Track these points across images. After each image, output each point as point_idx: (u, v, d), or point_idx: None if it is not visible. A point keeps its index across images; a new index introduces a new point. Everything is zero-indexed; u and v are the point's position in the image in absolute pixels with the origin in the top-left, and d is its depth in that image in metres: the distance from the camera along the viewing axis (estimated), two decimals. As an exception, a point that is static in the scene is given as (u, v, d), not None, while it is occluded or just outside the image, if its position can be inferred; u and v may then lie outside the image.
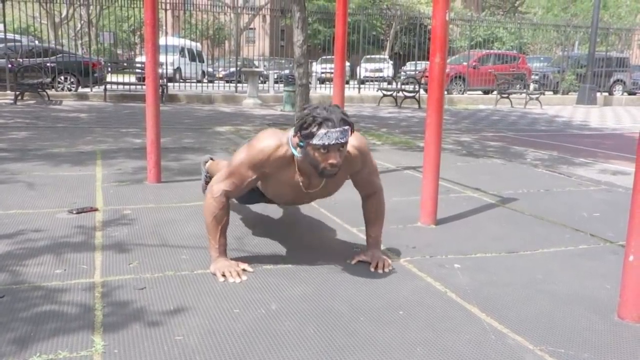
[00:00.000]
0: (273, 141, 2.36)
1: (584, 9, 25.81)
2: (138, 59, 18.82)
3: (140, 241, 2.88)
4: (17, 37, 15.29)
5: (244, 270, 2.47)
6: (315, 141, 2.19)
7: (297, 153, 2.31)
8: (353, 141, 2.42)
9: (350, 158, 2.43)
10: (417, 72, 17.03)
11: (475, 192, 4.27)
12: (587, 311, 2.21)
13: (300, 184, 2.42)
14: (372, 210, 2.66)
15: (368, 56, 23.08)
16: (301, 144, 2.25)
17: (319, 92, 15.94)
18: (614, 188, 4.58)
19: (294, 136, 2.28)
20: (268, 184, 2.52)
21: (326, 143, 2.18)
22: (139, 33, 30.47)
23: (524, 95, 15.80)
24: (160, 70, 10.19)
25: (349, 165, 2.46)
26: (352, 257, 2.68)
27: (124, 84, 14.15)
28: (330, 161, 2.22)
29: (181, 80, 18.68)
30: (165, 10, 15.05)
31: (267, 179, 2.47)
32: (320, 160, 2.23)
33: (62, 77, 13.78)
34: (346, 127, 2.21)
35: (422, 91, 14.24)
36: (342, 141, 2.20)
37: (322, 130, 2.17)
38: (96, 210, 3.42)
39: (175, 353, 1.79)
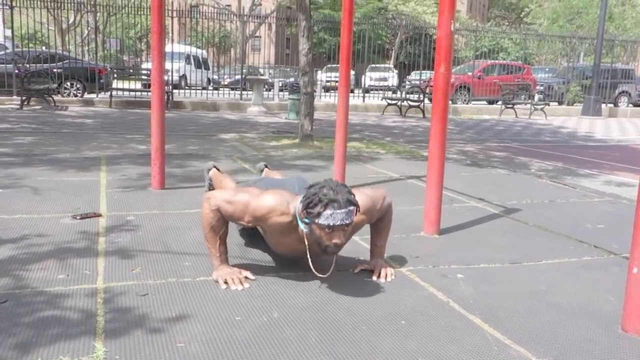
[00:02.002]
0: (280, 207, 2.35)
1: (590, 20, 25.82)
2: (144, 65, 18.92)
3: (143, 247, 2.88)
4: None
5: (246, 277, 2.47)
6: (320, 221, 2.21)
7: (303, 227, 2.33)
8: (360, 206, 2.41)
9: (359, 221, 2.47)
10: (421, 82, 17.06)
11: (479, 202, 4.26)
12: (591, 323, 2.19)
13: (307, 251, 2.41)
14: (382, 222, 2.67)
15: (373, 65, 23.13)
16: (306, 220, 2.27)
17: (324, 100, 15.98)
18: (618, 200, 4.57)
19: (302, 211, 2.29)
20: (267, 235, 2.55)
21: (331, 224, 2.20)
22: (145, 40, 30.63)
23: (528, 105, 15.79)
24: (165, 77, 10.24)
25: (358, 227, 2.52)
26: (355, 265, 2.68)
27: (129, 90, 14.20)
28: (335, 241, 2.25)
29: (186, 87, 18.74)
30: (172, 17, 15.13)
31: (266, 232, 2.50)
32: (325, 239, 2.26)
33: (69, 83, 13.85)
34: (351, 208, 2.24)
35: (426, 100, 14.25)
36: (347, 222, 2.23)
37: (328, 212, 2.20)
38: (100, 216, 3.43)
39: (176, 360, 1.79)
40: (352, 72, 17.80)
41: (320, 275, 2.44)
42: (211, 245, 2.46)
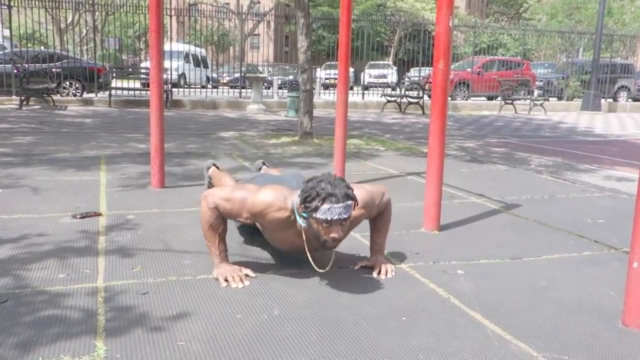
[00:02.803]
0: (277, 202, 2.35)
1: (589, 15, 25.76)
2: (143, 64, 18.90)
3: (144, 246, 2.88)
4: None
5: (246, 275, 2.47)
6: (318, 215, 2.21)
7: (301, 222, 2.32)
8: (359, 200, 2.42)
9: (357, 216, 2.47)
10: (421, 78, 17.05)
11: (479, 198, 4.26)
12: (591, 318, 2.20)
13: (305, 245, 2.41)
14: (381, 219, 2.67)
15: (372, 62, 23.11)
16: (304, 215, 2.27)
17: (323, 98, 15.97)
18: (618, 194, 4.57)
19: (299, 205, 2.29)
20: (265, 231, 2.55)
21: (329, 218, 2.20)
22: (144, 39, 30.60)
23: (528, 101, 15.78)
24: (164, 76, 10.23)
25: (356, 222, 2.52)
26: (355, 262, 2.68)
27: (128, 89, 14.19)
28: (332, 235, 2.25)
29: (185, 86, 18.72)
30: (170, 16, 15.11)
31: (265, 228, 2.50)
32: (323, 233, 2.26)
33: (67, 83, 13.85)
34: (349, 202, 2.23)
35: (426, 97, 14.24)
36: (345, 217, 2.23)
37: (325, 206, 2.19)
38: (100, 215, 3.43)
39: (177, 358, 1.79)
40: (351, 70, 17.80)
41: (320, 270, 2.44)
42: (210, 243, 2.46)
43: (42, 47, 20.42)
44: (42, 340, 1.87)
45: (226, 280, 2.40)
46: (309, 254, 2.41)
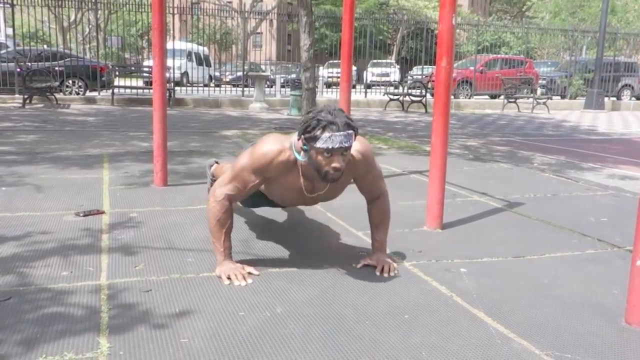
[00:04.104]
0: (276, 146, 2.35)
1: (592, 13, 25.69)
2: (145, 63, 18.91)
3: (147, 244, 2.89)
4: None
5: (249, 273, 2.47)
6: (318, 144, 2.19)
7: (300, 157, 2.31)
8: (357, 145, 2.42)
9: (354, 162, 2.43)
10: (423, 77, 17.02)
11: (482, 196, 4.26)
12: (594, 316, 2.19)
13: (303, 188, 2.41)
14: (378, 214, 2.65)
15: (375, 60, 23.07)
16: (305, 147, 2.25)
17: (326, 96, 15.95)
18: (621, 193, 4.56)
19: (298, 139, 2.28)
20: (271, 187, 2.52)
21: (330, 147, 2.18)
22: (146, 37, 30.61)
23: (531, 99, 15.75)
24: (167, 74, 10.23)
25: (353, 169, 2.46)
26: (357, 260, 2.68)
27: (131, 87, 14.22)
28: (334, 165, 2.22)
29: (188, 85, 18.74)
30: (173, 14, 15.11)
31: (270, 183, 2.47)
32: (324, 164, 2.23)
33: (70, 81, 13.87)
34: (350, 132, 2.21)
35: (428, 95, 14.22)
36: (346, 145, 2.20)
37: (326, 134, 2.17)
38: (103, 213, 3.43)
39: (180, 355, 1.79)
40: (354, 68, 17.77)
41: (310, 195, 2.44)
42: (216, 239, 2.46)
43: (45, 46, 20.45)
44: (46, 337, 1.87)
45: (229, 278, 2.41)
46: (303, 186, 2.41)
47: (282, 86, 16.66)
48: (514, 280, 2.54)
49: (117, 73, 15.01)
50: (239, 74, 17.93)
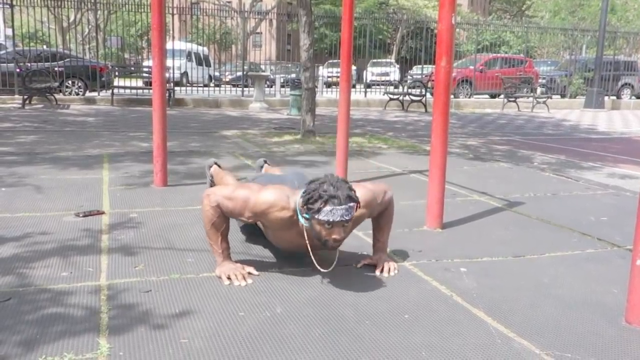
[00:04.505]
0: (280, 202, 2.36)
1: (592, 12, 25.68)
2: (145, 63, 18.91)
3: (146, 244, 2.89)
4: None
5: (249, 273, 2.47)
6: (320, 217, 2.21)
7: (303, 221, 2.33)
8: (361, 201, 2.41)
9: (359, 216, 2.47)
10: (423, 76, 17.01)
11: (482, 196, 4.26)
12: (594, 315, 2.19)
13: (308, 246, 2.41)
14: (383, 217, 2.67)
15: (374, 60, 23.07)
16: (306, 216, 2.27)
17: (325, 96, 15.96)
18: (621, 192, 4.55)
19: (302, 206, 2.29)
20: (268, 231, 2.55)
21: (331, 220, 2.20)
22: (146, 37, 30.61)
23: (531, 99, 15.75)
24: (167, 75, 10.23)
25: (358, 221, 2.52)
26: (357, 260, 2.68)
27: (131, 88, 14.21)
28: (334, 236, 2.25)
29: (188, 85, 18.74)
30: (173, 14, 15.11)
31: (267, 227, 2.50)
32: (324, 234, 2.26)
33: (70, 82, 13.87)
34: (352, 205, 2.24)
35: (428, 95, 14.22)
36: (347, 218, 2.23)
37: (328, 208, 2.19)
38: (103, 213, 3.43)
39: (180, 356, 1.79)
40: (354, 68, 17.77)
41: (323, 270, 2.44)
42: (213, 241, 2.47)
43: (45, 46, 20.45)
44: (46, 338, 1.87)
45: (229, 278, 2.41)
46: (311, 254, 2.42)
47: (282, 86, 16.65)
48: (514, 280, 2.54)
49: (116, 73, 15.01)
50: (239, 73, 17.93)
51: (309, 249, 2.40)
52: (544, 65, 21.65)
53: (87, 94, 13.96)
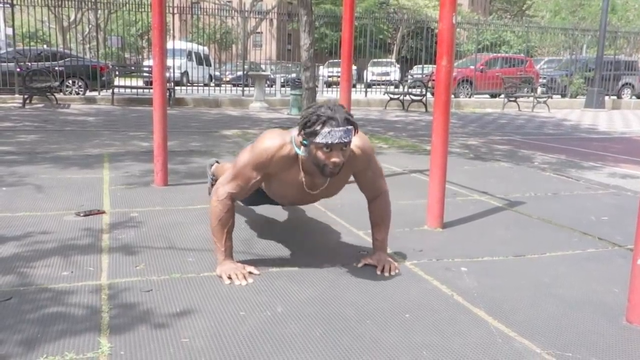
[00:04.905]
0: (277, 141, 2.36)
1: (592, 12, 25.67)
2: (145, 62, 18.91)
3: (147, 244, 2.89)
4: None
5: (250, 273, 2.47)
6: (318, 139, 2.19)
7: (300, 152, 2.32)
8: (357, 141, 2.42)
9: (354, 157, 2.43)
10: (424, 76, 17.01)
11: (483, 195, 4.26)
12: (595, 315, 2.19)
13: (304, 184, 2.42)
14: (378, 213, 2.65)
15: (375, 60, 23.06)
16: (304, 142, 2.26)
17: (326, 95, 15.95)
18: (622, 192, 4.55)
19: (298, 134, 2.29)
20: (271, 184, 2.52)
21: (329, 142, 2.18)
22: (146, 37, 30.60)
23: (531, 98, 15.75)
24: (167, 74, 10.23)
25: (352, 165, 2.46)
26: (358, 260, 2.68)
27: (131, 87, 14.22)
28: (333, 159, 2.23)
29: (188, 84, 18.74)
30: (173, 14, 15.10)
31: (271, 179, 2.47)
32: (323, 159, 2.24)
33: (70, 81, 13.87)
34: (350, 127, 2.22)
35: (429, 95, 14.21)
36: (346, 140, 2.21)
37: (326, 129, 2.18)
38: (103, 212, 3.43)
39: (181, 355, 1.79)
40: (354, 67, 17.74)
41: (312, 192, 2.44)
42: (217, 239, 2.46)
43: (45, 46, 20.45)
44: (47, 337, 1.87)
45: (230, 277, 2.41)
46: (304, 182, 2.41)
47: (282, 86, 16.64)
48: (515, 279, 2.54)
49: (117, 73, 15.01)
50: (239, 73, 17.94)
51: (302, 175, 2.39)
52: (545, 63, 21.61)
53: (88, 93, 13.96)
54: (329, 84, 18.37)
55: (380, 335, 1.96)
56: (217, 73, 22.42)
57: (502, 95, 16.30)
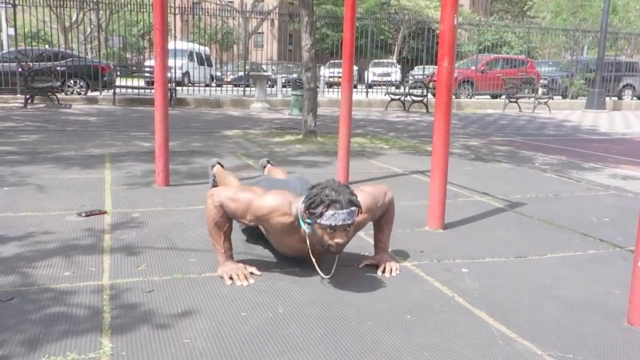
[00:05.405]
0: (281, 207, 2.36)
1: (593, 13, 25.68)
2: (147, 63, 18.92)
3: (149, 244, 2.89)
4: None
5: (251, 273, 2.48)
6: (322, 221, 2.22)
7: (305, 228, 2.33)
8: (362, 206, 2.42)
9: (360, 221, 2.48)
10: (425, 77, 17.01)
11: (484, 196, 4.26)
12: (596, 316, 2.19)
13: (309, 251, 2.42)
14: (384, 217, 2.68)
15: (376, 60, 23.07)
16: (308, 221, 2.28)
17: (327, 96, 15.96)
18: (623, 193, 4.55)
19: (304, 211, 2.29)
20: (269, 235, 2.57)
21: (333, 224, 2.21)
22: (148, 37, 30.62)
23: (532, 99, 15.74)
24: (168, 74, 10.23)
25: (360, 225, 2.53)
26: (359, 261, 2.68)
27: (133, 87, 14.22)
28: (337, 240, 2.25)
29: (190, 84, 18.74)
30: (174, 14, 15.12)
31: (268, 231, 2.51)
32: (327, 239, 2.26)
33: (72, 81, 13.88)
34: (353, 209, 2.24)
35: (430, 95, 14.21)
36: (349, 222, 2.23)
37: (330, 212, 2.20)
38: (105, 213, 3.44)
39: (182, 355, 1.79)
40: (355, 68, 17.74)
41: (325, 276, 2.44)
42: (215, 241, 2.47)
43: (47, 46, 20.46)
44: (49, 337, 1.88)
45: (231, 278, 2.41)
46: (313, 260, 2.42)
47: (284, 86, 16.64)
48: (516, 281, 2.54)
49: (118, 73, 15.02)
50: (240, 73, 17.95)
51: (311, 254, 2.40)
52: (545, 66, 21.62)
53: (89, 93, 13.97)
54: (330, 85, 18.37)
55: (381, 337, 1.97)
56: (219, 73, 22.43)
57: (503, 96, 16.29)
